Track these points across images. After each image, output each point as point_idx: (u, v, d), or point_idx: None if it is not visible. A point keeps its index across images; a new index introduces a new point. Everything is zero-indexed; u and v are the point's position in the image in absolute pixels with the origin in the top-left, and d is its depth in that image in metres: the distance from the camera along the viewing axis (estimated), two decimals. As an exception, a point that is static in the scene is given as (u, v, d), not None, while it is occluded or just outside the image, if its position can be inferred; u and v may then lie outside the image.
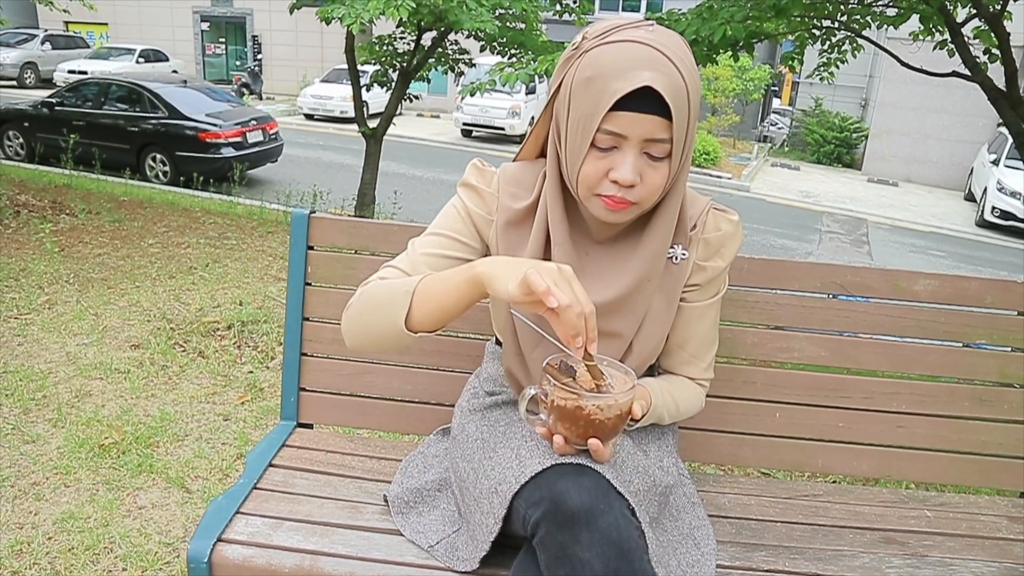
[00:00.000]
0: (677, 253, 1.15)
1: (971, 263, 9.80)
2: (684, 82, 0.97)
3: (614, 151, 1.00)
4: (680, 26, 4.20)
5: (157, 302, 3.78)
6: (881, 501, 1.55)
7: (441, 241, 1.16)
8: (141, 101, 9.21)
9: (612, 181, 1.01)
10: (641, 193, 1.02)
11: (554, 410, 1.00)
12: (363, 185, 6.97)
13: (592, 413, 0.97)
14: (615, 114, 0.97)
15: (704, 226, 1.17)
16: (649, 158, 1.00)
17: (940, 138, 15.57)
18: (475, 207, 1.18)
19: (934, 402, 1.58)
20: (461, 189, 1.20)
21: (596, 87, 0.97)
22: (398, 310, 1.03)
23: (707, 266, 1.18)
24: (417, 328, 1.04)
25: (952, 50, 4.21)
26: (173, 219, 5.96)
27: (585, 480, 0.98)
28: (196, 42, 23.16)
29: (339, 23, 4.93)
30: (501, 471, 1.06)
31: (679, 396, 1.22)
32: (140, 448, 2.36)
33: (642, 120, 0.97)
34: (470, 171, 1.20)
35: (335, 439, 1.62)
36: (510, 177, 1.18)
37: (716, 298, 1.23)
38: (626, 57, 0.96)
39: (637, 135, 0.98)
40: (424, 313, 1.03)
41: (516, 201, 1.16)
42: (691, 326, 1.22)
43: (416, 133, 15.72)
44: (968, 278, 1.55)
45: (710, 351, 1.26)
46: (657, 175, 1.01)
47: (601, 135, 0.99)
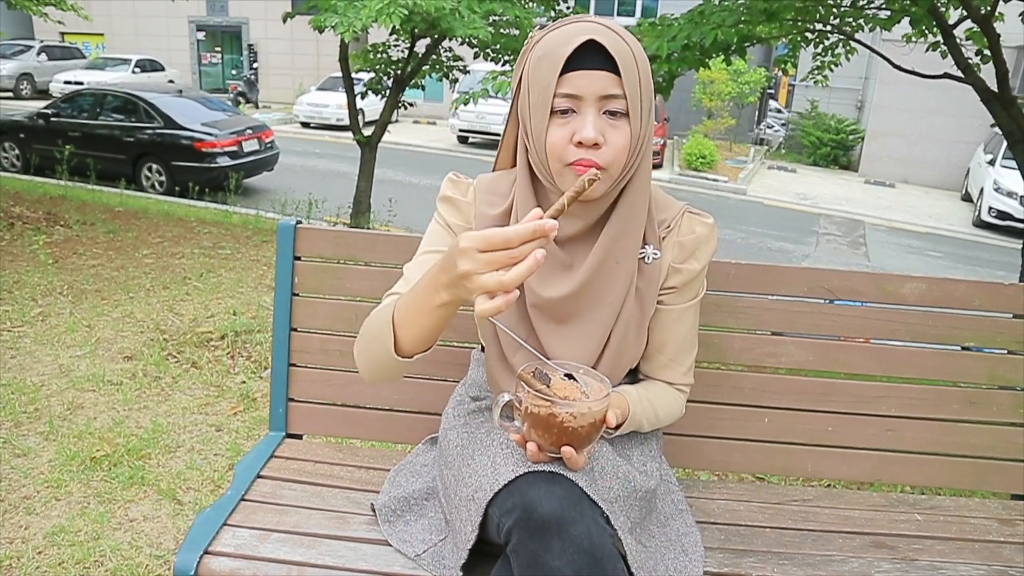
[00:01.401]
0: (649, 253, 1.16)
1: (968, 263, 9.80)
2: (629, 47, 1.03)
3: (573, 116, 1.04)
4: (672, 31, 4.21)
5: (151, 313, 3.77)
6: (871, 505, 1.55)
7: (430, 260, 1.16)
8: (137, 111, 9.22)
9: (577, 144, 1.03)
10: (607, 155, 1.04)
11: (527, 417, 1.00)
12: (358, 193, 6.98)
13: (565, 421, 0.97)
14: (566, 76, 1.02)
15: (679, 229, 1.18)
16: (609, 116, 1.03)
17: (936, 139, 15.59)
18: (453, 219, 1.19)
19: (924, 405, 1.58)
20: (439, 203, 1.21)
21: (547, 61, 1.03)
22: (386, 340, 1.02)
23: (683, 268, 1.19)
24: (409, 353, 1.02)
25: (945, 52, 4.22)
26: (168, 229, 5.96)
27: (556, 488, 0.98)
28: (192, 51, 23.20)
29: (332, 31, 4.94)
30: (478, 478, 1.06)
31: (658, 403, 1.22)
32: (132, 460, 2.35)
33: (592, 76, 1.01)
34: (445, 184, 1.22)
35: (324, 449, 1.61)
36: (486, 186, 1.20)
37: (694, 301, 1.23)
38: (569, 29, 1.04)
39: (591, 92, 1.02)
40: (410, 339, 1.01)
41: (493, 207, 1.18)
42: (669, 329, 1.21)
43: (412, 140, 15.74)
44: (956, 281, 1.55)
45: (689, 355, 1.26)
46: (619, 135, 1.04)
47: (558, 99, 1.03)
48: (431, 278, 0.95)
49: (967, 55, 4.12)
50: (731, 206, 12.16)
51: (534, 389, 0.98)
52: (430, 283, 0.95)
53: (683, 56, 4.09)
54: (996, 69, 3.91)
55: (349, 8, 4.93)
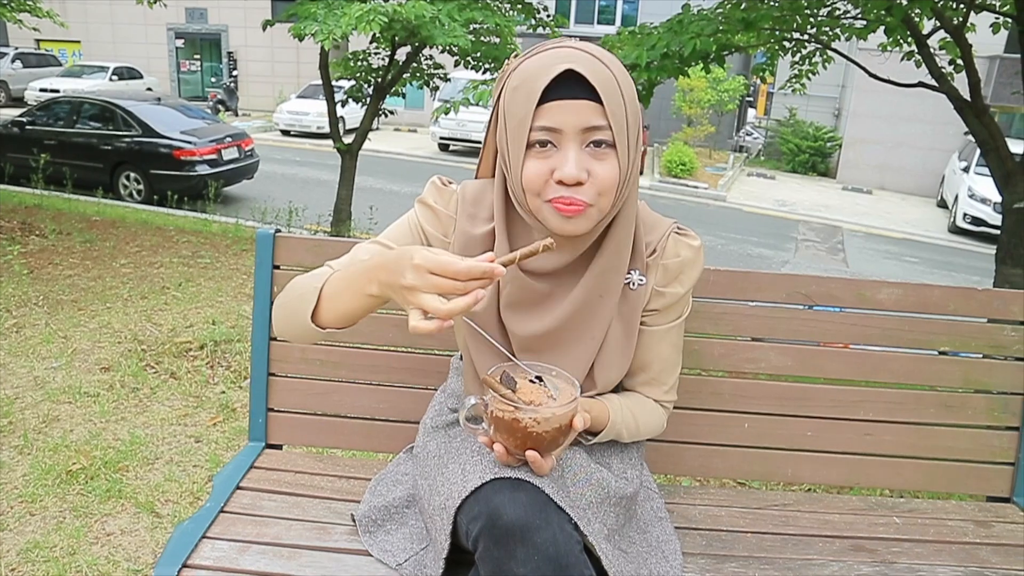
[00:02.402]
0: (635, 279, 1.13)
1: (944, 268, 9.94)
2: (611, 72, 0.97)
3: (553, 149, 0.98)
4: (652, 39, 4.24)
5: (128, 323, 3.73)
6: (851, 509, 1.56)
7: (381, 251, 1.13)
8: (114, 119, 9.13)
9: (558, 182, 0.98)
10: (592, 191, 0.98)
11: (493, 421, 0.99)
12: (339, 201, 6.95)
13: (529, 426, 0.96)
14: (545, 107, 0.96)
15: (664, 251, 1.15)
16: (593, 148, 0.98)
17: (912, 146, 15.83)
18: (430, 227, 1.16)
19: (901, 409, 1.60)
20: (418, 206, 1.18)
21: (522, 92, 0.97)
22: (307, 305, 1.03)
23: (665, 292, 1.16)
24: (324, 325, 1.04)
25: (919, 61, 4.30)
26: (146, 238, 5.90)
27: (521, 495, 0.97)
28: (171, 59, 23.03)
29: (312, 39, 4.93)
30: (449, 486, 1.06)
31: (639, 414, 1.21)
32: (109, 473, 2.32)
33: (572, 107, 0.95)
34: (429, 189, 1.18)
35: (304, 459, 1.60)
36: (470, 196, 1.16)
37: (678, 321, 1.21)
38: (547, 58, 0.97)
39: (572, 125, 0.96)
40: (331, 313, 1.02)
41: (474, 225, 1.14)
42: (652, 349, 1.20)
43: (393, 148, 15.72)
44: (931, 286, 1.58)
45: (672, 373, 1.25)
46: (605, 168, 0.98)
47: (535, 132, 0.97)
48: (371, 268, 0.96)
49: (941, 64, 4.20)
50: (711, 213, 12.25)
51: (499, 393, 0.98)
52: (368, 272, 0.96)
53: (662, 64, 4.13)
54: (968, 78, 3.98)
55: (329, 16, 4.93)
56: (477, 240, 1.13)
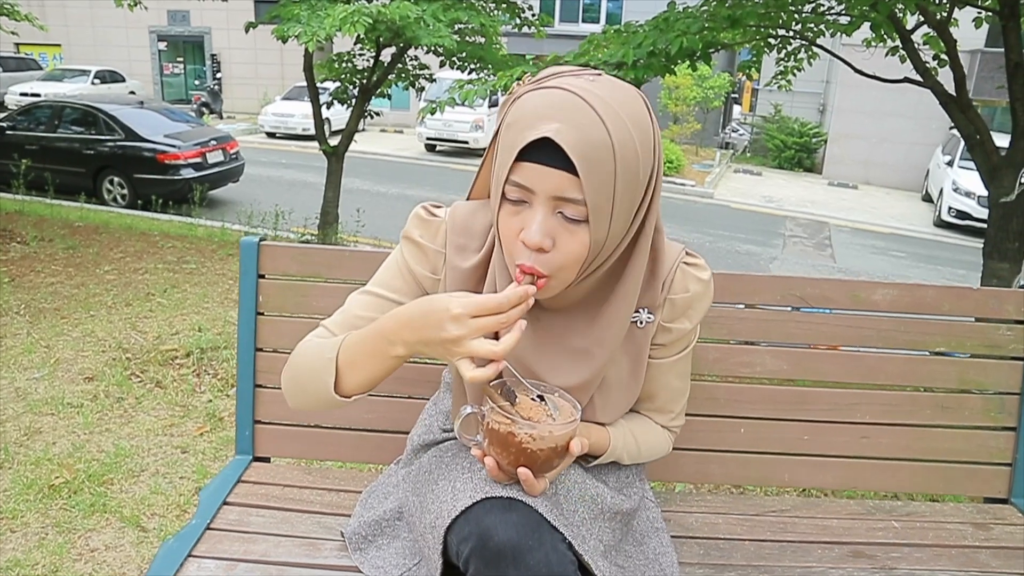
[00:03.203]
0: (643, 318, 1.08)
1: (930, 263, 10.00)
2: (609, 137, 0.86)
3: (525, 207, 0.91)
4: (638, 38, 4.22)
5: (113, 331, 3.67)
6: (849, 513, 1.55)
7: (377, 303, 1.09)
8: (96, 123, 9.04)
9: (522, 242, 0.91)
10: (553, 262, 0.91)
11: (488, 433, 0.96)
12: (326, 203, 6.90)
13: (524, 442, 0.93)
14: (521, 165, 0.89)
15: (671, 285, 1.08)
16: (564, 219, 0.90)
17: (896, 141, 15.93)
18: (418, 266, 1.09)
19: (897, 411, 1.58)
20: (404, 243, 1.11)
21: (510, 135, 0.90)
22: (326, 379, 0.99)
23: (672, 327, 1.11)
24: (350, 393, 1.01)
25: (904, 56, 4.30)
26: (130, 244, 5.82)
27: (513, 515, 0.94)
28: (153, 62, 22.83)
29: (296, 41, 4.88)
30: (438, 504, 1.03)
31: (642, 437, 1.18)
32: (93, 487, 2.27)
33: (547, 174, 0.87)
34: (412, 222, 1.10)
35: (293, 472, 1.57)
36: (459, 224, 1.08)
37: (685, 352, 1.16)
38: (543, 104, 0.88)
39: (544, 190, 0.88)
40: (353, 381, 0.99)
41: (465, 257, 1.06)
42: (657, 380, 1.16)
43: (380, 149, 15.66)
44: (925, 286, 1.56)
45: (679, 401, 1.21)
46: (574, 242, 0.90)
47: (510, 187, 0.91)
48: (392, 330, 0.93)
49: (925, 59, 4.20)
50: (698, 210, 12.27)
51: (497, 405, 0.94)
52: (389, 334, 0.93)
53: (649, 63, 4.11)
54: (953, 73, 3.98)
55: (312, 17, 4.88)
56: (467, 275, 1.06)
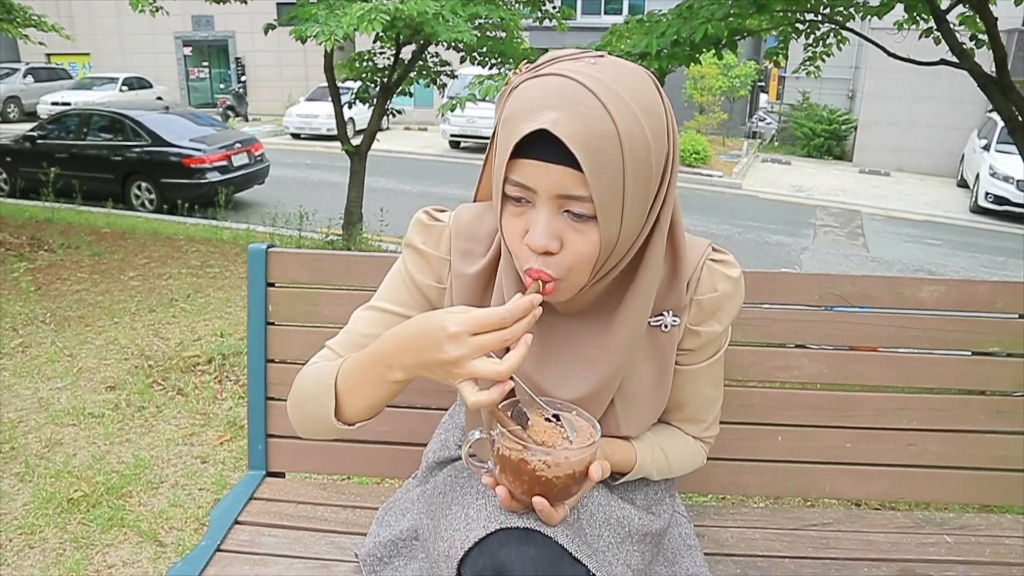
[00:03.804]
0: (667, 321, 0.98)
1: (968, 250, 9.71)
2: (614, 126, 0.77)
3: (530, 207, 0.84)
4: (661, 27, 4.11)
5: (135, 339, 3.66)
6: (896, 527, 1.45)
7: (382, 319, 1.02)
8: (124, 130, 9.13)
9: (527, 245, 0.84)
10: (561, 265, 0.83)
11: (499, 459, 0.88)
12: (349, 203, 6.88)
13: (538, 469, 0.84)
14: (519, 162, 0.81)
15: (698, 284, 0.99)
16: (571, 218, 0.82)
17: (929, 126, 15.53)
18: (421, 276, 1.02)
19: (947, 416, 1.48)
20: (405, 251, 1.04)
21: (507, 129, 0.82)
22: (326, 406, 0.93)
23: (701, 331, 1.01)
24: (352, 421, 0.94)
25: (938, 38, 4.13)
26: (155, 249, 5.85)
27: (531, 548, 0.86)
28: (179, 67, 23.10)
29: (315, 41, 4.85)
30: (451, 532, 0.95)
31: (671, 451, 1.09)
32: (111, 500, 2.24)
33: (547, 170, 0.79)
34: (414, 228, 1.03)
35: (307, 488, 1.51)
36: (464, 228, 1.01)
37: (716, 357, 1.06)
38: (540, 93, 0.80)
39: (546, 189, 0.80)
40: (353, 408, 0.93)
41: (470, 263, 0.99)
42: (687, 388, 1.06)
43: (403, 147, 15.65)
44: (976, 282, 1.45)
45: (712, 410, 1.12)
46: (583, 242, 0.82)
47: (510, 186, 0.83)
48: (388, 353, 0.87)
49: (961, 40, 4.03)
50: (726, 201, 12.06)
51: (507, 429, 0.86)
52: (386, 358, 0.87)
53: (673, 52, 4.00)
54: (994, 53, 3.81)
55: (330, 17, 4.84)
56: (472, 281, 0.99)
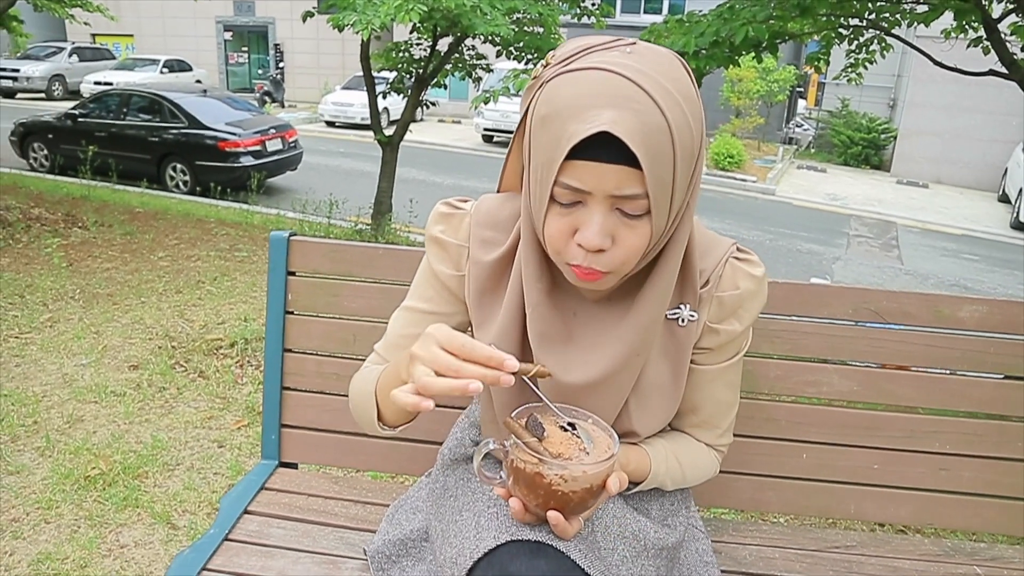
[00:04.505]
0: (684, 315, 0.96)
1: (1006, 267, 9.46)
2: (665, 118, 0.76)
3: (579, 206, 0.82)
4: (701, 27, 4.03)
5: (161, 319, 3.69)
6: (922, 554, 1.39)
7: (413, 318, 1.03)
8: (161, 111, 9.24)
9: (579, 245, 0.82)
10: (614, 260, 0.83)
11: (513, 471, 0.85)
12: (379, 193, 6.88)
13: (554, 483, 0.81)
14: (572, 163, 0.78)
15: (719, 281, 0.96)
16: (623, 215, 0.81)
17: (972, 138, 15.15)
18: (443, 266, 1.01)
19: (982, 442, 1.41)
20: (427, 244, 1.03)
21: (551, 129, 0.78)
22: (370, 410, 0.99)
23: (720, 329, 0.98)
24: (394, 424, 0.99)
25: (987, 47, 4.01)
26: (186, 231, 5.91)
27: (542, 562, 0.84)
28: (219, 51, 23.36)
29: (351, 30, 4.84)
30: (461, 540, 0.93)
31: (686, 461, 1.05)
32: (127, 479, 2.25)
33: (605, 171, 0.77)
34: (434, 218, 1.01)
35: (319, 481, 1.49)
36: (485, 217, 0.99)
37: (735, 359, 1.03)
38: (585, 90, 0.77)
39: (602, 190, 0.79)
40: (392, 413, 0.97)
41: (490, 251, 0.97)
42: (703, 390, 1.03)
43: (437, 139, 15.66)
44: (1019, 303, 1.39)
45: (727, 416, 1.08)
46: (634, 236, 0.82)
47: (560, 189, 0.80)
48: (404, 358, 0.88)
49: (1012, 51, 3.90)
50: (759, 206, 11.89)
51: (522, 441, 0.83)
52: (402, 363, 0.88)
53: (712, 53, 3.92)
54: (1047, 66, 3.68)
55: (368, 6, 4.83)
56: (489, 269, 0.97)
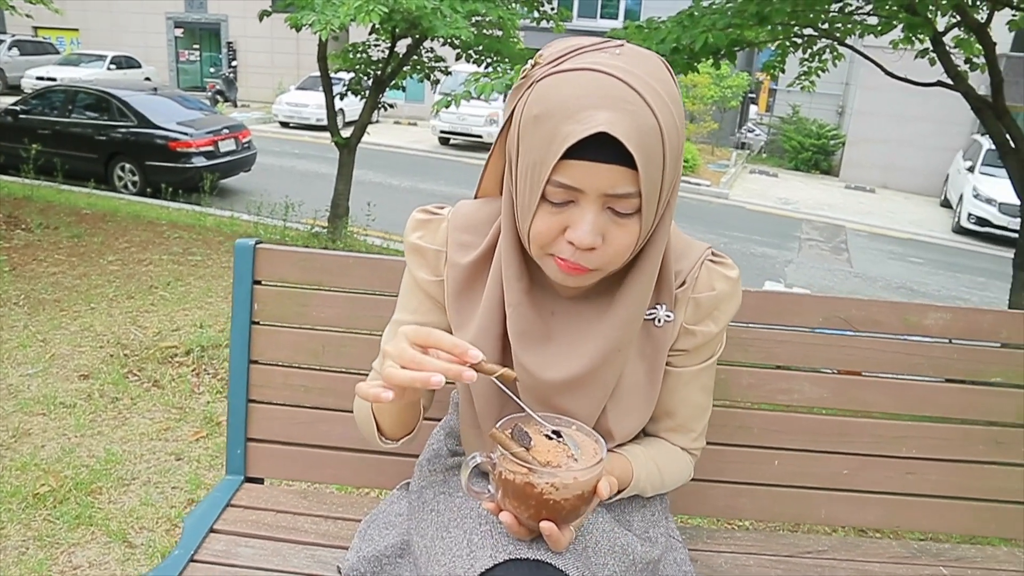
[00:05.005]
0: (660, 315, 0.96)
1: (950, 269, 9.80)
2: (656, 119, 0.77)
3: (570, 205, 0.82)
4: (660, 34, 4.09)
5: (112, 326, 3.57)
6: (891, 556, 1.42)
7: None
8: (109, 109, 8.95)
9: (568, 242, 0.83)
10: (603, 257, 0.84)
11: (502, 484, 0.83)
12: (336, 196, 6.79)
13: (545, 492, 0.80)
14: (567, 163, 0.78)
15: (695, 283, 0.98)
16: (614, 213, 0.82)
17: (916, 145, 15.66)
18: (422, 273, 1.00)
19: (947, 446, 1.45)
20: (406, 253, 1.03)
21: (544, 129, 0.79)
22: (371, 426, 1.01)
23: (696, 331, 0.99)
24: (395, 437, 1.03)
25: (933, 59, 4.14)
26: (136, 233, 5.72)
27: None
28: (169, 48, 22.79)
29: (310, 30, 4.76)
30: (451, 559, 0.90)
31: (665, 466, 1.05)
32: (80, 496, 2.15)
33: (600, 171, 0.78)
34: (410, 225, 1.01)
35: (287, 496, 1.45)
36: (462, 221, 0.99)
37: (709, 362, 1.04)
38: (580, 91, 0.77)
39: (595, 188, 0.79)
40: (388, 426, 1.00)
41: (465, 253, 0.97)
42: (678, 393, 1.04)
43: (393, 141, 15.53)
44: (983, 311, 1.43)
45: (701, 419, 1.09)
46: (624, 235, 0.83)
47: (552, 188, 0.80)
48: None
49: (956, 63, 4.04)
50: (713, 210, 12.09)
51: (510, 452, 0.81)
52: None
53: (672, 60, 3.97)
54: (992, 78, 3.82)
55: (327, 6, 4.76)
56: (469, 270, 0.97)
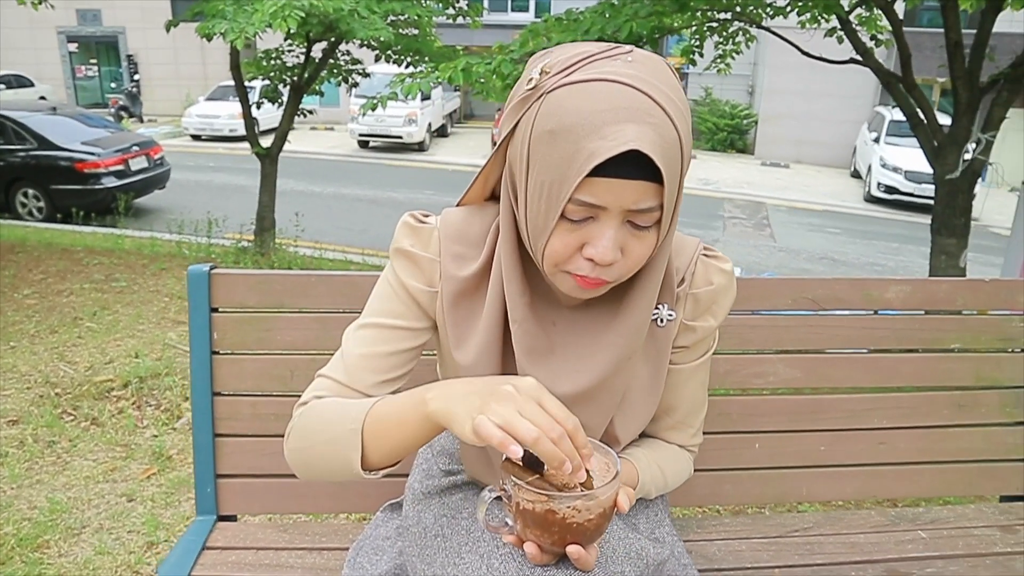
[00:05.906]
0: (663, 315, 0.95)
1: (865, 237, 10.25)
2: (677, 132, 0.76)
3: (589, 221, 0.80)
4: (583, 25, 4.11)
5: (38, 364, 3.34)
6: (873, 526, 1.46)
7: (379, 335, 0.95)
8: (5, 132, 8.42)
9: (587, 259, 0.80)
10: (620, 270, 0.83)
11: (521, 515, 0.79)
12: (261, 208, 6.58)
13: (568, 516, 0.77)
14: (591, 181, 0.76)
15: (693, 279, 0.97)
16: (632, 227, 0.80)
17: (824, 119, 16.33)
18: (413, 280, 0.95)
19: (915, 413, 1.50)
20: (394, 257, 0.97)
21: (564, 146, 0.75)
22: (351, 452, 0.85)
23: (696, 326, 0.99)
24: (376, 467, 0.87)
25: (841, 37, 4.32)
26: (51, 263, 5.40)
27: None
28: (64, 65, 21.62)
29: (222, 39, 4.58)
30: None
31: (667, 468, 1.05)
32: (25, 553, 1.99)
33: (625, 188, 0.76)
34: (401, 231, 0.96)
35: (265, 532, 1.38)
36: (453, 231, 0.95)
37: (706, 357, 1.04)
38: (600, 104, 0.74)
39: (619, 205, 0.77)
40: (380, 453, 0.85)
41: (463, 266, 0.94)
42: (679, 390, 1.03)
43: (311, 147, 15.18)
44: (939, 281, 1.49)
45: (699, 415, 1.09)
46: (641, 246, 0.82)
47: (573, 206, 0.78)
48: (432, 388, 0.81)
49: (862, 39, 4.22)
50: (639, 196, 12.28)
51: (524, 481, 0.78)
52: (428, 391, 0.81)
53: (597, 50, 3.99)
54: (900, 53, 4.00)
55: (239, 13, 4.59)
56: (465, 285, 0.93)
